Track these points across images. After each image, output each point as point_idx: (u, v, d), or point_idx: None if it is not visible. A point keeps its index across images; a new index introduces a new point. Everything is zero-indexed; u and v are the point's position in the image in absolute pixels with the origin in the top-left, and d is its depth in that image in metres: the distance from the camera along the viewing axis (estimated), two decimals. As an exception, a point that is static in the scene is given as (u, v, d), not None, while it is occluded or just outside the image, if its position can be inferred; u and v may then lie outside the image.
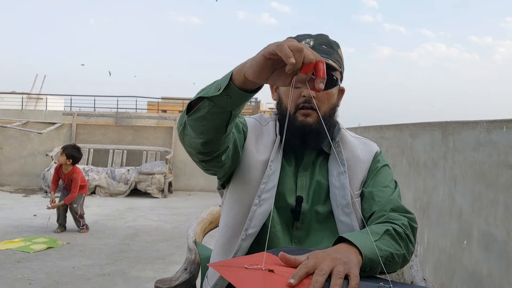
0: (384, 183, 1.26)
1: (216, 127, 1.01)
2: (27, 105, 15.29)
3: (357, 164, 1.28)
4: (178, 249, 4.53)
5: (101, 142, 9.23)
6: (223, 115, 0.99)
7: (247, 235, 1.19)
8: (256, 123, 1.32)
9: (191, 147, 1.09)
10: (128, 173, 8.05)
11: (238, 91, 0.93)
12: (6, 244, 4.52)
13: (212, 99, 0.96)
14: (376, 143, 1.42)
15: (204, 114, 0.98)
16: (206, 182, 9.01)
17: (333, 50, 1.24)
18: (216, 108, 0.97)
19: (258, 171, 1.22)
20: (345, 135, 1.31)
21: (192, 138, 1.06)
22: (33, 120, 9.32)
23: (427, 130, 3.16)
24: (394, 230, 1.10)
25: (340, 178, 1.23)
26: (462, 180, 2.47)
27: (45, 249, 4.42)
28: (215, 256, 1.31)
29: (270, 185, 1.21)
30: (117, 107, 14.22)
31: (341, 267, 0.86)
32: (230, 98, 0.94)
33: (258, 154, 1.25)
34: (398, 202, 1.22)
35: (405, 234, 1.12)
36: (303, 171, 1.27)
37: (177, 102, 19.39)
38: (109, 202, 7.33)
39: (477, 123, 2.32)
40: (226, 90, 0.94)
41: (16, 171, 9.11)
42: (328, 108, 1.24)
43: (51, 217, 5.38)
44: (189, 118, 1.02)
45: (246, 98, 0.96)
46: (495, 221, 2.05)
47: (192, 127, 1.03)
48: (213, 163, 1.15)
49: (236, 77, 0.93)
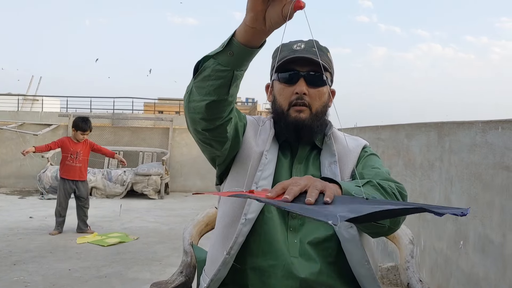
0: (373, 165, 1.32)
1: (219, 87, 1.05)
2: (23, 107, 15.23)
3: (348, 154, 1.34)
4: (175, 251, 4.52)
5: (98, 143, 9.15)
6: (226, 74, 1.03)
7: (247, 220, 1.23)
8: (255, 121, 1.40)
9: (196, 112, 1.13)
10: (124, 174, 8.04)
11: (239, 45, 0.98)
12: (83, 239, 4.88)
13: (216, 57, 1.01)
14: (372, 146, 1.46)
15: (209, 73, 1.03)
16: (203, 183, 9.02)
17: (323, 53, 1.32)
18: (220, 66, 1.01)
19: (256, 161, 1.29)
20: (336, 132, 1.39)
21: (197, 102, 1.10)
22: (29, 122, 9.29)
23: (423, 131, 3.16)
24: (378, 184, 1.15)
25: (331, 168, 1.30)
26: (458, 181, 2.48)
27: (117, 243, 4.77)
28: (214, 244, 1.33)
29: (266, 173, 1.27)
30: (113, 108, 14.21)
31: (318, 183, 0.89)
32: (233, 54, 0.99)
33: (257, 146, 1.31)
34: (386, 175, 1.26)
35: (391, 192, 1.16)
36: (297, 164, 1.33)
37: (174, 103, 19.39)
38: (105, 204, 7.31)
39: (472, 123, 2.32)
40: (229, 46, 0.99)
41: (12, 173, 9.09)
42: (320, 105, 1.31)
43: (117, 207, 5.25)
44: (195, 80, 1.07)
45: (248, 55, 1.00)
46: (491, 223, 2.06)
47: (197, 88, 1.08)
48: (216, 133, 1.19)
49: (238, 31, 0.97)
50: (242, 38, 0.97)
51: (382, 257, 3.83)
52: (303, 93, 1.27)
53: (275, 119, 1.35)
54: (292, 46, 1.30)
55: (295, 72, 1.28)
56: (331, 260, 1.23)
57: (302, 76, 1.28)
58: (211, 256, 1.33)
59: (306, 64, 1.27)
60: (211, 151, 1.28)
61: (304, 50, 1.27)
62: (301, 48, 1.28)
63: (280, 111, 1.31)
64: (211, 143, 1.23)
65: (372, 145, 4.33)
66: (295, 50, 1.28)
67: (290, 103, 1.29)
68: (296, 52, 1.27)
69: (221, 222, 1.32)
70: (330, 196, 0.84)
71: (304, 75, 1.28)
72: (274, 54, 1.36)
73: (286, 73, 1.29)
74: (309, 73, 1.27)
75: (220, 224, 1.33)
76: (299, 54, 1.26)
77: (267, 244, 1.23)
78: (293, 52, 1.28)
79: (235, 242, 1.22)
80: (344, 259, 1.23)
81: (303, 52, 1.27)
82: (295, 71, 1.28)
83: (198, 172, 9.12)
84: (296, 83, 1.28)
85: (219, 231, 1.32)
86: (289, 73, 1.29)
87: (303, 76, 1.28)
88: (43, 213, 6.35)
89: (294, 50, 1.28)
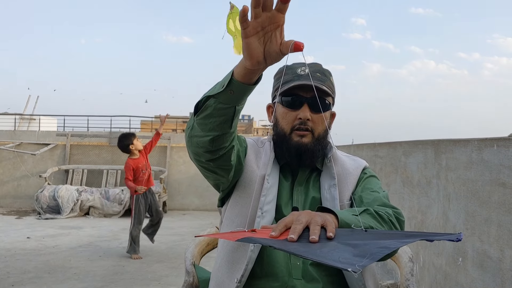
0: (372, 189, 1.34)
1: (222, 122, 1.08)
2: (20, 126, 15.23)
3: (347, 176, 1.36)
4: (174, 270, 4.50)
5: (95, 162, 9.22)
6: (228, 111, 1.05)
7: (256, 245, 1.25)
8: (254, 143, 1.41)
9: (199, 146, 1.15)
10: (122, 193, 8.02)
11: (239, 84, 1.00)
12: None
13: (217, 97, 1.03)
14: (370, 163, 1.48)
15: (211, 112, 1.06)
16: (201, 201, 8.99)
17: (326, 78, 1.34)
18: (222, 105, 1.04)
19: (258, 185, 1.30)
20: (336, 153, 1.41)
21: (200, 137, 1.12)
22: (27, 142, 9.29)
23: (420, 148, 3.19)
24: (375, 212, 1.17)
25: (330, 191, 1.32)
26: (455, 198, 2.50)
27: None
28: (220, 268, 1.33)
29: (270, 197, 1.29)
30: (110, 127, 14.22)
31: (318, 218, 0.94)
32: (234, 93, 1.02)
33: (258, 170, 1.33)
34: (384, 200, 1.29)
35: (388, 219, 1.19)
36: (298, 186, 1.35)
37: (171, 120, 19.39)
38: (103, 223, 7.28)
39: (468, 141, 2.35)
40: (229, 86, 1.01)
41: (9, 193, 9.05)
42: (322, 130, 1.33)
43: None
44: (197, 118, 1.09)
45: (248, 91, 1.03)
46: (489, 239, 2.08)
47: (200, 125, 1.10)
48: (220, 163, 1.21)
49: (237, 71, 1.00)
50: (242, 78, 0.99)
51: (382, 275, 3.84)
52: (306, 119, 1.28)
53: (276, 141, 1.36)
54: (296, 69, 1.31)
55: (299, 97, 1.30)
56: (334, 280, 1.25)
57: (306, 102, 1.29)
58: (216, 279, 1.34)
59: (310, 90, 1.28)
60: (216, 177, 1.29)
61: (308, 75, 1.28)
62: (305, 72, 1.29)
63: (282, 134, 1.33)
64: (215, 171, 1.25)
65: (370, 162, 4.36)
66: (299, 74, 1.30)
67: (292, 128, 1.31)
68: (301, 77, 1.29)
69: (226, 245, 1.33)
70: (332, 231, 0.90)
71: (308, 101, 1.29)
72: (276, 76, 1.37)
73: (289, 98, 1.31)
74: (313, 98, 1.28)
75: (225, 248, 1.33)
76: (304, 80, 1.27)
77: (270, 266, 1.25)
78: (298, 76, 1.29)
79: (245, 270, 1.24)
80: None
81: (307, 77, 1.28)
82: (299, 96, 1.30)
83: (196, 190, 9.11)
84: (300, 109, 1.29)
85: (225, 255, 1.32)
86: (292, 97, 1.30)
87: (307, 102, 1.29)
88: (41, 233, 6.32)
89: (298, 75, 1.30)
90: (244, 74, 0.98)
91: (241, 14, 0.85)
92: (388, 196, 1.36)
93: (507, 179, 1.95)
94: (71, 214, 7.78)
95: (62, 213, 7.69)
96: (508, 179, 1.94)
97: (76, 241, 5.85)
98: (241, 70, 0.98)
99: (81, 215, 7.92)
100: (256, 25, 0.87)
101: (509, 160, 1.95)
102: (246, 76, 0.99)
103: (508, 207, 1.94)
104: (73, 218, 7.69)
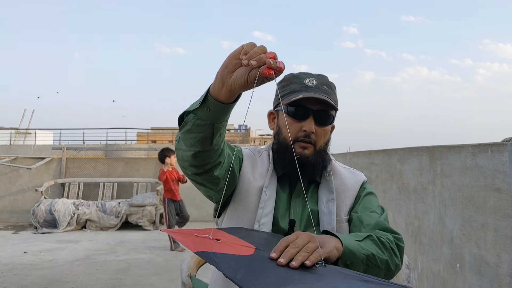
0: (371, 209, 1.33)
1: (202, 139, 1.06)
2: (15, 140, 15.20)
3: (346, 191, 1.36)
4: (171, 283, 4.48)
5: (91, 175, 9.19)
6: (206, 128, 1.04)
7: None
8: (251, 153, 1.40)
9: (184, 160, 1.15)
10: (119, 206, 7.99)
11: (214, 102, 0.99)
12: None
13: (195, 112, 1.02)
14: (366, 170, 1.48)
15: (190, 127, 1.05)
16: (198, 212, 8.96)
17: (332, 91, 1.32)
18: (200, 121, 1.03)
19: (255, 196, 1.30)
20: (335, 166, 1.39)
21: (184, 151, 1.12)
22: (22, 156, 9.26)
23: (415, 155, 3.20)
24: (377, 238, 1.18)
25: (328, 205, 1.31)
26: (451, 204, 2.51)
27: None
28: (216, 282, 1.32)
29: (267, 210, 1.28)
30: (106, 139, 14.21)
31: (313, 244, 0.95)
32: (210, 110, 1.00)
33: (255, 181, 1.32)
34: (385, 224, 1.29)
35: (389, 246, 1.19)
36: (296, 197, 1.34)
37: (167, 132, 19.41)
38: (100, 236, 7.25)
39: (462, 147, 2.37)
40: (205, 102, 1.00)
41: (5, 208, 9.00)
42: (323, 143, 1.33)
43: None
44: (180, 131, 1.09)
45: (224, 111, 1.01)
46: (486, 244, 2.08)
47: (183, 139, 1.09)
48: (206, 177, 1.20)
49: (212, 88, 0.99)
50: (216, 95, 0.98)
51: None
52: (311, 132, 1.27)
53: (277, 150, 1.34)
54: (303, 80, 1.30)
55: (305, 109, 1.27)
56: None
57: (312, 114, 1.27)
58: None
59: (317, 102, 1.27)
60: (205, 190, 1.29)
61: (316, 87, 1.28)
62: (313, 84, 1.28)
63: (284, 144, 1.30)
64: (203, 184, 1.24)
65: (366, 170, 4.37)
66: (307, 86, 1.28)
67: (296, 139, 1.28)
68: (309, 89, 1.27)
69: None
70: (311, 260, 0.93)
71: (314, 113, 1.27)
72: (281, 83, 1.34)
73: (296, 108, 1.28)
74: (319, 111, 1.28)
75: None
76: (312, 92, 1.26)
77: None
78: (305, 87, 1.28)
79: None
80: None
81: (315, 89, 1.27)
82: (305, 108, 1.27)
83: (193, 202, 9.07)
84: (305, 120, 1.27)
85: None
86: (299, 108, 1.28)
87: (313, 114, 1.28)
88: (38, 248, 6.28)
89: (306, 86, 1.28)
90: (218, 91, 0.98)
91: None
92: (387, 216, 1.36)
93: (502, 184, 1.96)
94: (68, 228, 7.73)
95: (58, 227, 7.65)
96: (503, 184, 1.95)
97: (73, 255, 5.81)
98: (216, 86, 0.98)
99: (77, 229, 7.87)
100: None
101: (503, 165, 1.95)
102: (220, 94, 0.98)
103: (504, 212, 1.94)
104: (70, 232, 7.64)
